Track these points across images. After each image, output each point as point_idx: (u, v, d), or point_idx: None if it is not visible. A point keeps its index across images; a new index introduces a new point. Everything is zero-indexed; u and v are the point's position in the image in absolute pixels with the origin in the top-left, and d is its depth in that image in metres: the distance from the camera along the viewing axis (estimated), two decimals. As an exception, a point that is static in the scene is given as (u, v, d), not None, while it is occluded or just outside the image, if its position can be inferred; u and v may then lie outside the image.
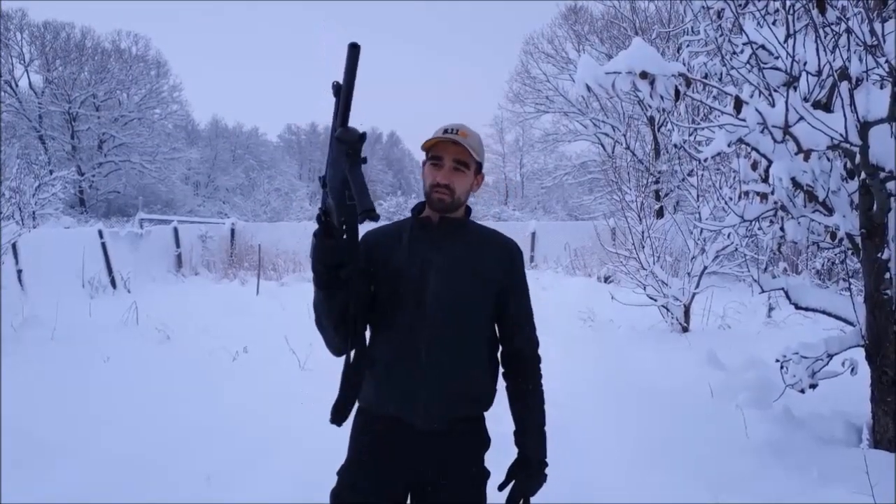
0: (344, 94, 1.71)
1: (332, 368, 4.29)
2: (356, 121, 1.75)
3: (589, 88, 3.69)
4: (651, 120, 18.06)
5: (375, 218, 1.63)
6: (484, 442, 2.24)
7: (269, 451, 4.75)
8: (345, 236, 1.77)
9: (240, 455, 4.67)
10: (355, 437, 2.20)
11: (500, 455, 2.25)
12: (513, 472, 2.18)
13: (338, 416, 2.00)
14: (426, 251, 2.14)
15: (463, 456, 2.16)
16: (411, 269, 2.11)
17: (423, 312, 2.08)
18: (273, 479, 4.26)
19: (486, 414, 2.25)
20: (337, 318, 1.95)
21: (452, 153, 2.13)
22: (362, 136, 1.69)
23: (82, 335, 9.02)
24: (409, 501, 2.19)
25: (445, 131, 2.13)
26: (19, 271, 12.11)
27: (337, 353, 2.04)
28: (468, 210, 2.25)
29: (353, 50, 1.70)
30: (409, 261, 2.12)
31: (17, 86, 35.16)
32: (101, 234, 15.99)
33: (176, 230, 19.70)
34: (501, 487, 2.17)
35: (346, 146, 1.67)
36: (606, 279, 14.97)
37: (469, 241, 2.20)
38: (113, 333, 9.39)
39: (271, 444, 4.91)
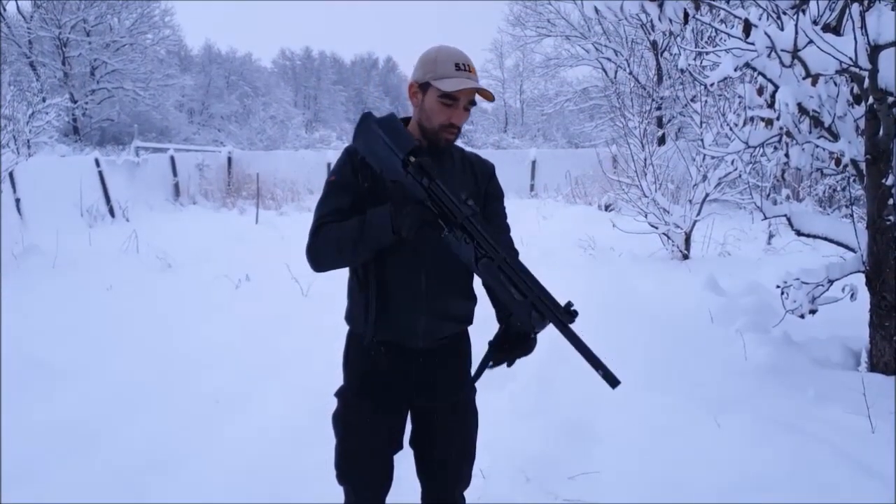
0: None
1: (333, 295, 4.32)
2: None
3: (597, 11, 3.61)
4: (654, 44, 17.69)
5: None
6: (469, 354, 2.32)
7: (275, 374, 4.84)
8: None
9: (247, 378, 4.76)
10: (353, 362, 2.23)
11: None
12: (502, 341, 2.01)
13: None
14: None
15: (453, 368, 2.26)
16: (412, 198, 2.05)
17: (422, 239, 2.03)
18: (279, 400, 4.34)
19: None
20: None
21: (467, 94, 2.06)
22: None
23: (83, 264, 9.07)
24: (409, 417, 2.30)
25: (457, 66, 2.04)
26: (17, 200, 12.07)
27: (322, 270, 2.12)
28: None
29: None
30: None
31: (5, 10, 34.31)
32: (97, 162, 15.87)
33: (172, 159, 19.54)
34: (492, 363, 2.03)
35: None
36: (607, 207, 14.96)
37: (455, 166, 2.20)
38: (114, 262, 9.43)
39: (277, 367, 5.00)
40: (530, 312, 1.84)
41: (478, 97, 2.13)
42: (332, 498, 2.37)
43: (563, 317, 1.82)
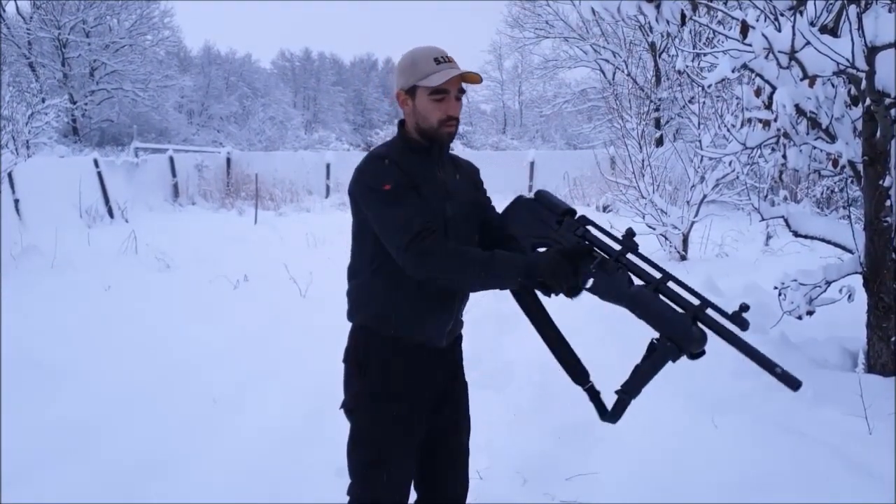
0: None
1: (331, 296, 4.32)
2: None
3: (595, 12, 3.62)
4: (652, 46, 17.70)
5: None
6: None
7: (274, 375, 4.85)
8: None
9: (245, 378, 4.77)
10: (383, 364, 2.14)
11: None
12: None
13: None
14: (439, 179, 2.16)
15: (461, 363, 2.38)
16: (434, 199, 2.09)
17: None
18: (278, 400, 4.35)
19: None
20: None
21: (455, 84, 2.08)
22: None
23: (82, 264, 9.06)
24: None
25: (437, 61, 2.05)
26: (16, 200, 12.07)
27: (429, 279, 2.01)
28: None
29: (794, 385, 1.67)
30: (432, 190, 2.10)
31: (4, 11, 34.30)
32: (96, 163, 15.89)
33: (171, 159, 19.56)
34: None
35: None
36: (605, 208, 14.97)
37: (453, 168, 2.25)
38: (112, 262, 9.43)
39: (276, 367, 5.01)
40: (690, 326, 1.73)
41: (468, 86, 2.16)
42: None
43: (737, 324, 1.70)
